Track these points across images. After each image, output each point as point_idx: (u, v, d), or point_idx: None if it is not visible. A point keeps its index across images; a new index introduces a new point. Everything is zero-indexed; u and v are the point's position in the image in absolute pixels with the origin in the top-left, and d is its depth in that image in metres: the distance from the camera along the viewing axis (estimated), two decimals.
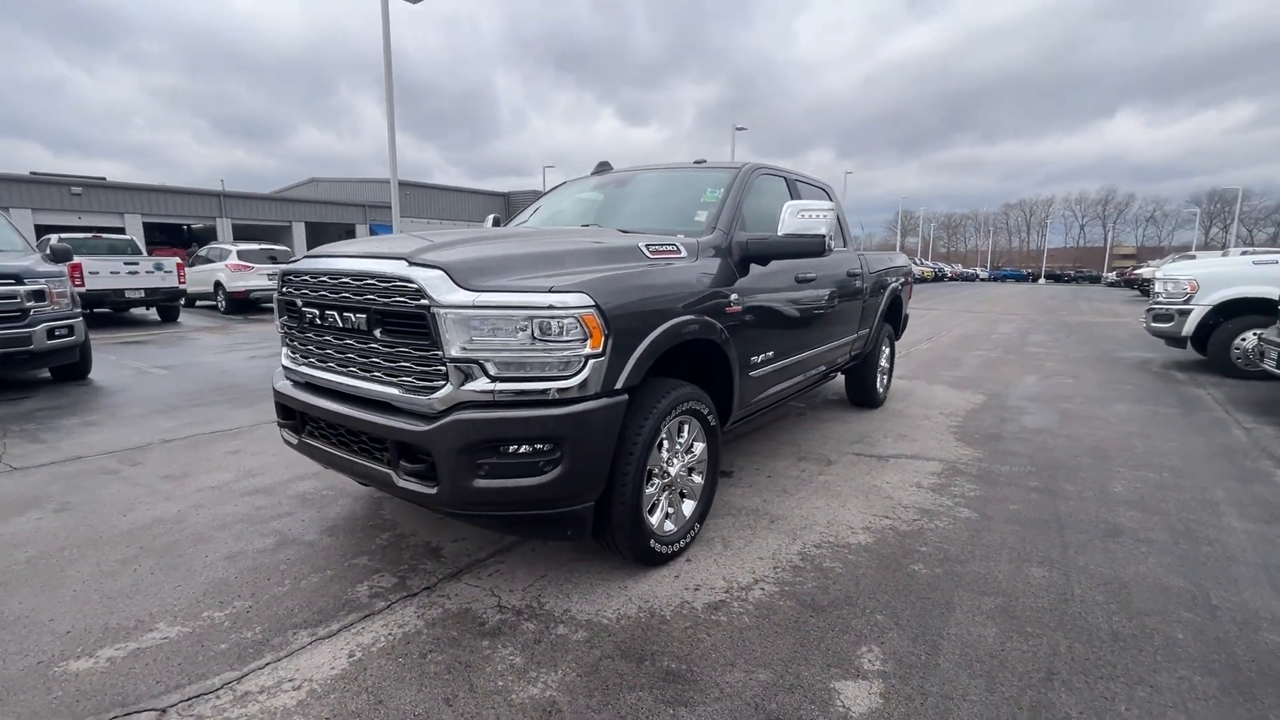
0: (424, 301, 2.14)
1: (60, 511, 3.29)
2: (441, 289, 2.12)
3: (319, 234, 34.51)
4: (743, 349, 3.09)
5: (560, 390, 2.16)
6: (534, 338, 2.12)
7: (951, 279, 54.12)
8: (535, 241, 2.68)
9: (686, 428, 2.76)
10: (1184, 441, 4.87)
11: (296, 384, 2.76)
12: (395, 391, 2.29)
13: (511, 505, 2.26)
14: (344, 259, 2.44)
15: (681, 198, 3.59)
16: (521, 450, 2.18)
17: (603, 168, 4.44)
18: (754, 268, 3.25)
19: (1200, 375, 7.77)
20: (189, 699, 1.92)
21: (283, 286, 2.74)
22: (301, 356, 2.72)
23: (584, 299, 2.15)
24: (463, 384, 2.15)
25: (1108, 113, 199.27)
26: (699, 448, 2.86)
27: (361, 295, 2.33)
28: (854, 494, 3.68)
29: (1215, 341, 7.75)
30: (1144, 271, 28.65)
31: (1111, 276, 49.70)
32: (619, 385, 2.31)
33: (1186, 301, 8.02)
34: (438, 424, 2.15)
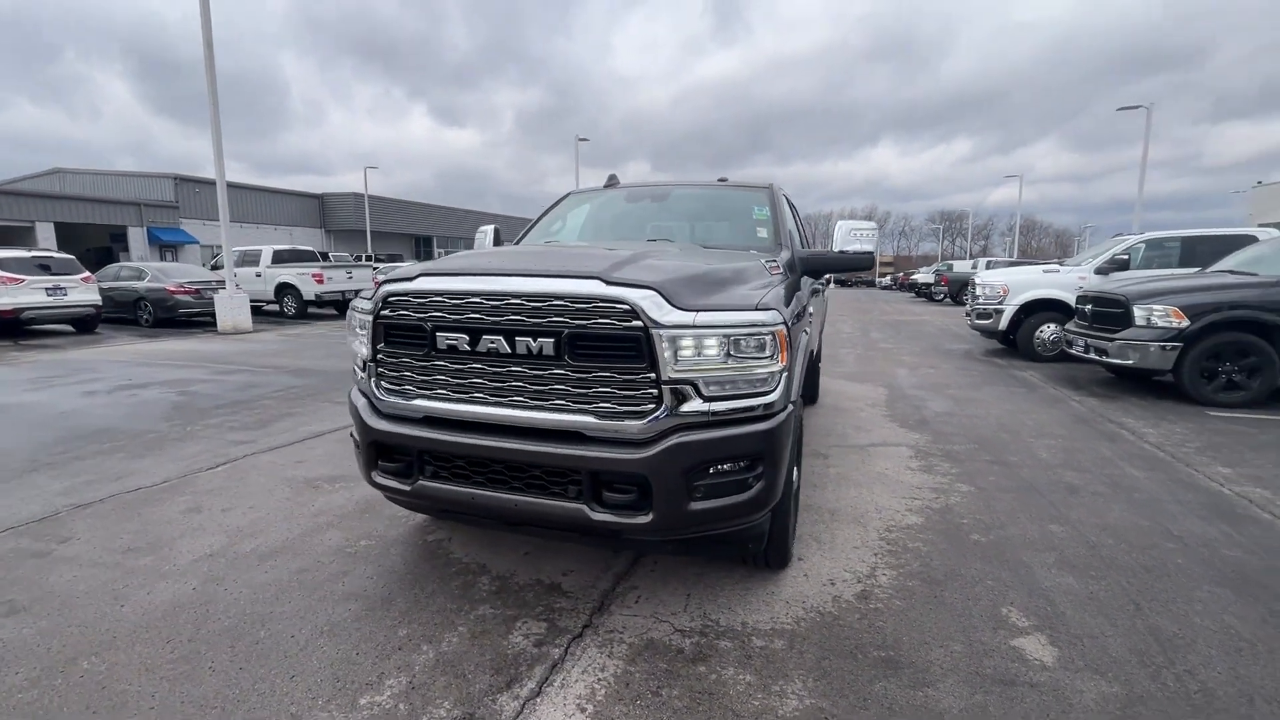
0: (638, 323, 2.05)
1: (12, 614, 2.46)
2: (658, 309, 2.05)
3: (72, 236, 28.00)
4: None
5: (765, 406, 2.21)
6: (742, 355, 2.14)
7: None
8: (685, 258, 2.63)
9: None
10: (1049, 414, 6.13)
11: (405, 420, 2.41)
12: (588, 420, 2.14)
13: (719, 524, 2.24)
14: (509, 278, 2.21)
15: (735, 214, 3.74)
16: (731, 468, 2.18)
17: (612, 181, 4.40)
18: (803, 280, 3.52)
19: (1014, 361, 9.71)
20: None
21: (389, 309, 2.38)
22: (421, 388, 2.38)
23: (777, 316, 2.22)
24: (678, 406, 2.09)
25: (873, 141, 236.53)
26: None
27: (545, 317, 2.13)
28: (872, 482, 4.12)
29: (1023, 334, 9.76)
30: (918, 276, 34.54)
31: (885, 280, 58.87)
32: (792, 397, 2.41)
33: (1001, 302, 10.00)
34: (659, 449, 2.07)
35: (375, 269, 18.05)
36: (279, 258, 16.09)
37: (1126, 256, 9.42)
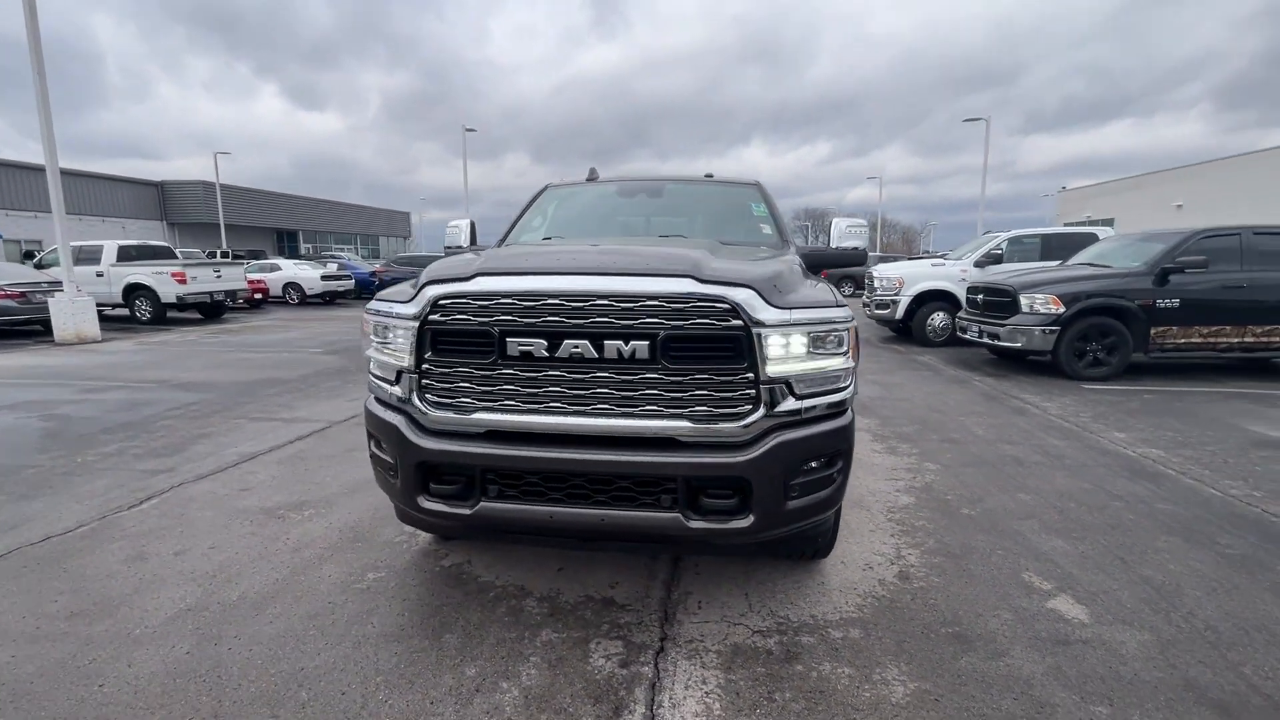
0: (738, 322, 1.99)
1: None
2: (758, 308, 2.01)
3: None
4: None
5: (842, 402, 2.24)
6: (825, 352, 2.15)
7: None
8: (731, 255, 2.57)
9: None
10: (963, 394, 6.81)
11: (460, 437, 2.16)
12: (683, 425, 2.04)
13: (805, 521, 2.24)
14: (594, 277, 2.04)
15: (735, 211, 3.73)
16: (818, 465, 2.19)
17: (593, 175, 4.22)
18: None
19: (911, 346, 10.66)
20: None
21: (439, 314, 2.12)
22: (483, 400, 2.14)
23: (850, 312, 2.26)
24: (775, 405, 2.07)
25: (745, 140, 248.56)
26: None
27: (637, 319, 2.00)
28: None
29: (917, 322, 10.74)
30: None
31: None
32: (856, 393, 2.46)
33: (897, 294, 10.94)
34: (762, 450, 2.02)
35: (246, 267, 16.17)
36: (125, 254, 13.85)
37: (1000, 251, 10.67)
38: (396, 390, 2.27)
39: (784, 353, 2.05)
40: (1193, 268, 7.32)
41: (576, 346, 2.02)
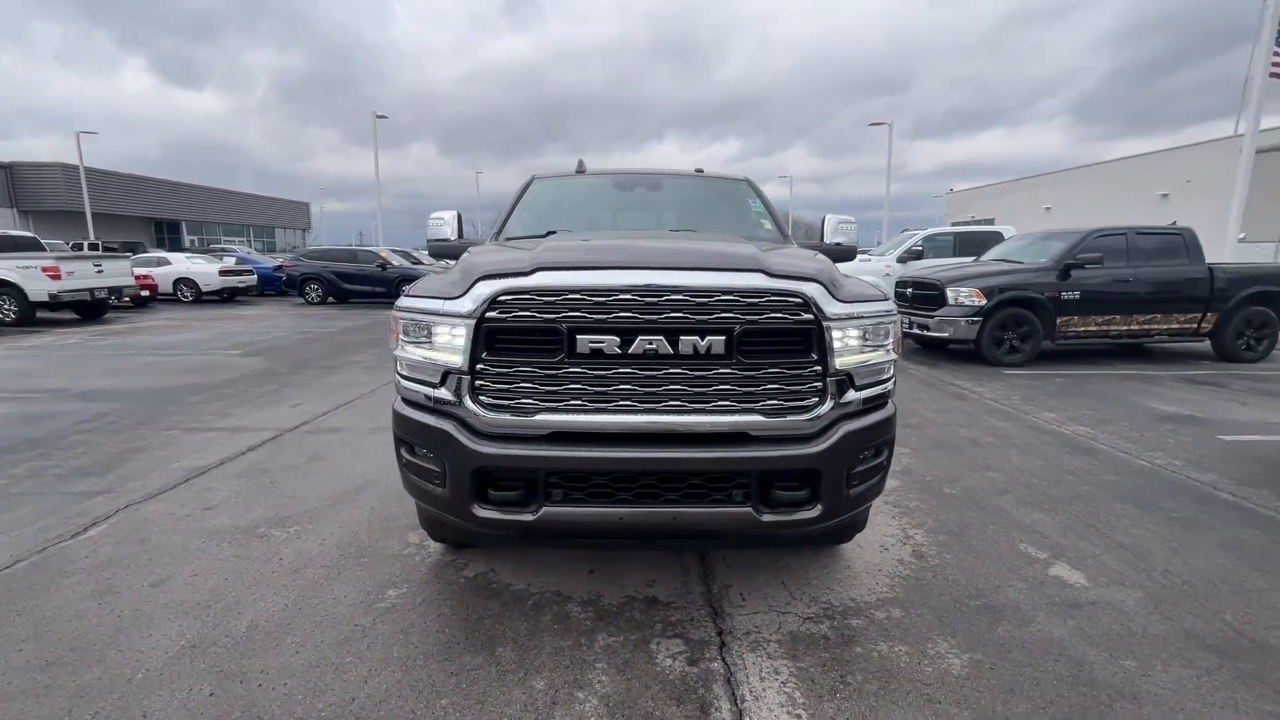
0: (809, 316, 2.03)
1: None
2: (826, 302, 2.05)
3: None
4: None
5: (890, 392, 2.34)
6: (878, 344, 2.23)
7: None
8: (789, 253, 2.56)
9: None
10: (905, 383, 7.26)
11: (520, 440, 2.06)
12: (756, 419, 2.05)
13: (859, 508, 2.31)
14: (668, 271, 1.99)
15: (735, 206, 3.75)
16: (872, 453, 2.27)
17: (580, 166, 4.10)
18: None
19: None
20: None
21: (498, 310, 2.00)
22: (546, 400, 2.04)
23: (893, 305, 2.35)
24: (840, 396, 2.12)
25: (659, 136, 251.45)
26: None
27: (712, 313, 1.98)
28: None
29: None
30: None
31: None
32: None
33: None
34: (831, 440, 2.07)
35: (128, 259, 14.50)
36: None
37: (920, 248, 11.45)
38: (442, 393, 2.12)
39: (847, 345, 2.11)
40: (1090, 263, 8.19)
41: (651, 342, 1.98)
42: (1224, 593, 2.64)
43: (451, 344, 2.08)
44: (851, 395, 2.15)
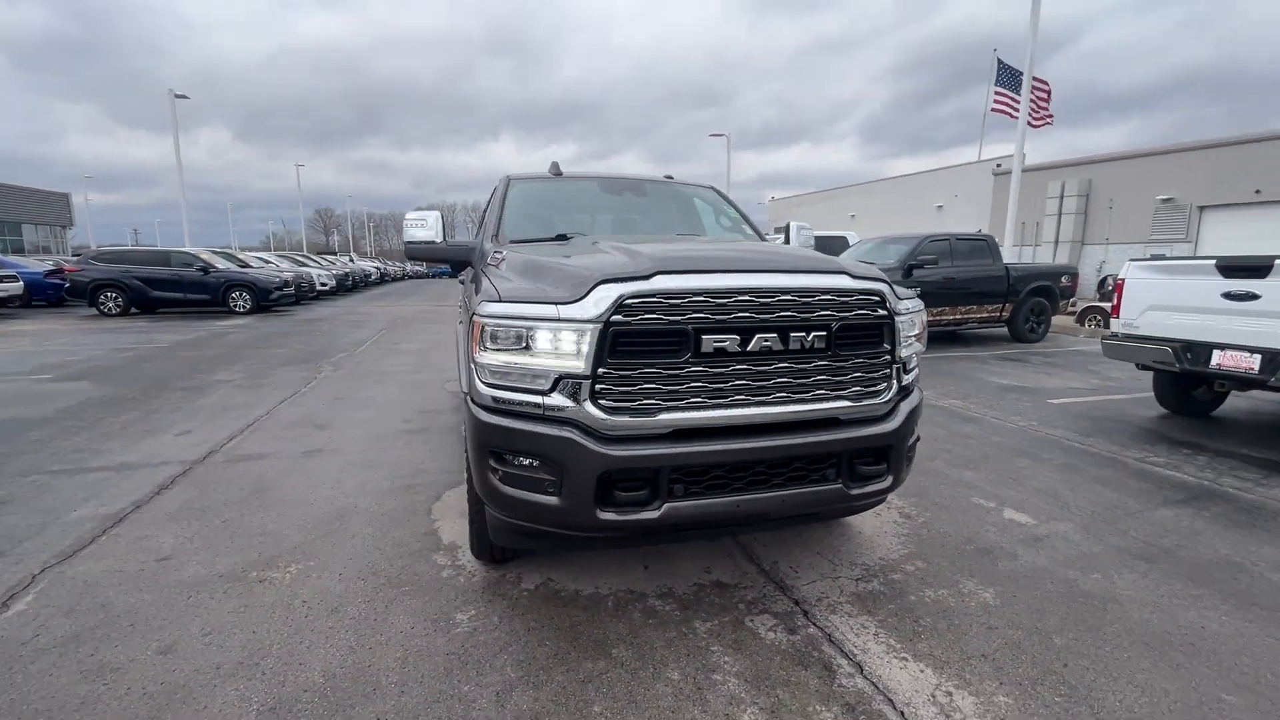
0: (884, 311, 2.33)
1: None
2: (893, 299, 2.37)
3: None
4: None
5: (918, 376, 2.74)
6: (918, 335, 2.62)
7: (408, 277, 56.91)
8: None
9: None
10: None
11: (641, 440, 2.10)
12: (843, 404, 2.30)
13: (906, 476, 2.67)
14: (778, 274, 2.16)
15: (716, 212, 3.95)
16: (916, 428, 2.64)
17: (555, 168, 4.02)
18: None
19: None
20: None
21: (624, 314, 2.02)
22: (668, 399, 2.09)
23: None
24: (901, 381, 2.46)
25: (494, 134, 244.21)
26: None
27: (814, 311, 2.19)
28: None
29: None
30: None
31: None
32: None
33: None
34: (900, 419, 2.40)
35: None
36: None
37: None
38: (555, 399, 2.09)
39: (906, 336, 2.45)
40: (927, 264, 9.74)
41: (766, 340, 2.14)
42: (1120, 516, 3.46)
43: (569, 349, 2.05)
44: (906, 379, 2.50)
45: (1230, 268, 4.55)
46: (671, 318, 2.07)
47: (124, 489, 3.71)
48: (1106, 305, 12.07)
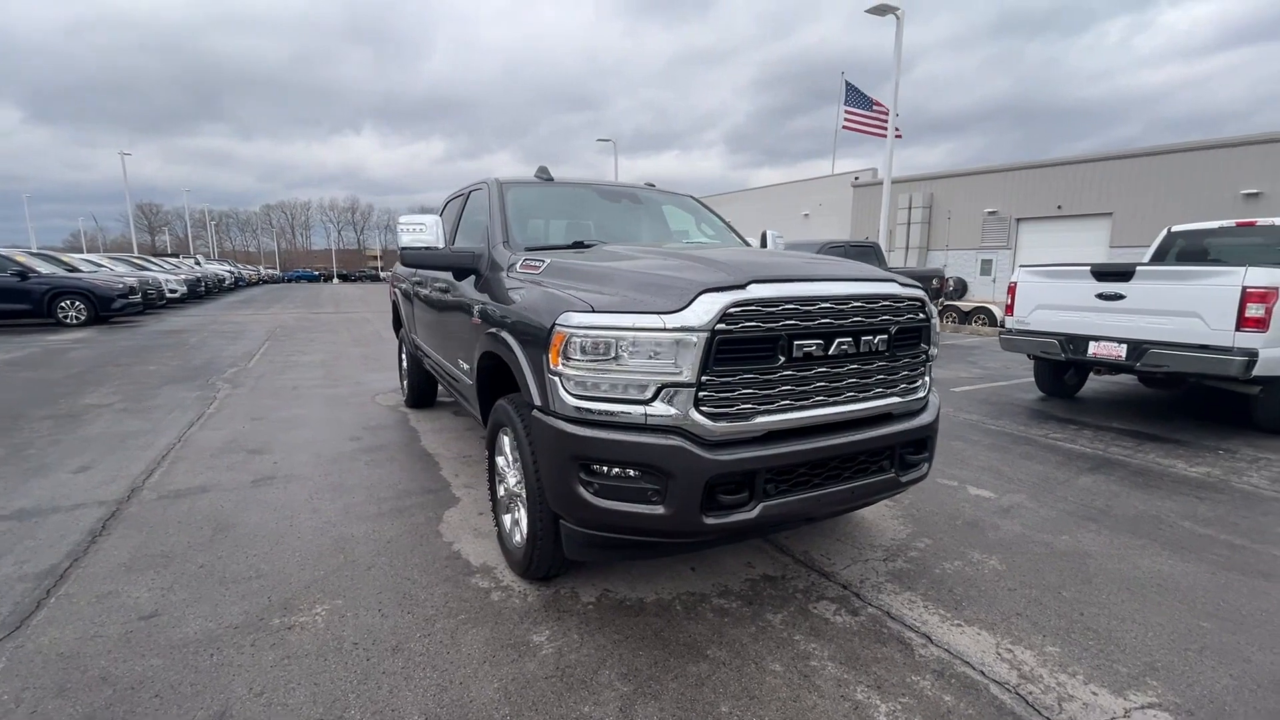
0: (923, 315, 2.59)
1: None
2: (930, 304, 2.64)
3: None
4: None
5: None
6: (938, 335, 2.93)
7: (264, 281, 51.40)
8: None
9: None
10: None
11: (739, 444, 2.17)
12: (895, 400, 2.52)
13: None
14: (849, 282, 2.33)
15: (707, 220, 4.06)
16: None
17: (543, 173, 3.88)
18: None
19: None
20: None
21: (727, 323, 2.07)
22: (761, 404, 2.17)
23: None
24: (930, 377, 2.74)
25: (355, 128, 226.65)
26: None
27: (877, 316, 2.38)
28: None
29: None
30: None
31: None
32: None
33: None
34: (935, 412, 2.67)
35: None
36: None
37: None
38: (657, 408, 2.10)
39: (934, 338, 2.74)
40: None
41: (844, 343, 2.31)
42: (1054, 485, 4.06)
43: (678, 358, 2.07)
44: (931, 376, 2.79)
45: (1101, 273, 5.48)
46: (768, 325, 2.16)
47: (43, 540, 3.10)
48: (994, 307, 13.93)
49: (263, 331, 12.87)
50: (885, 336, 2.43)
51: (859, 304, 2.36)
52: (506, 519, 2.94)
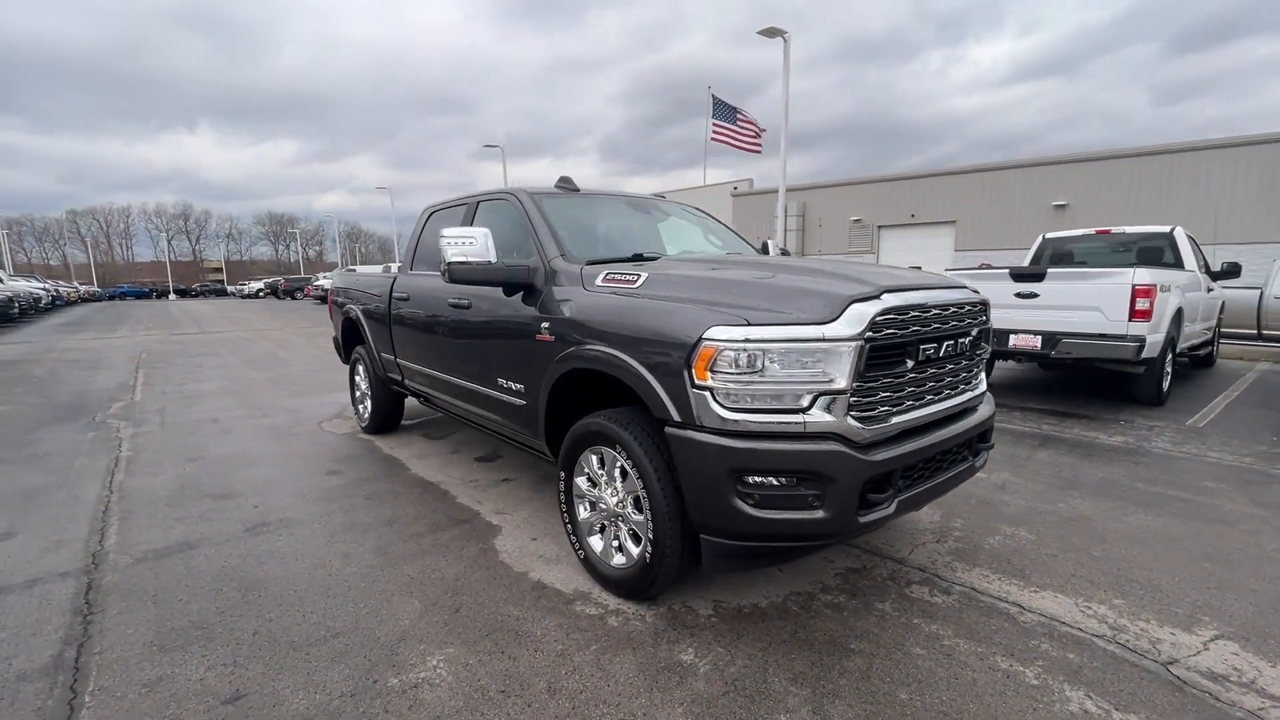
0: (986, 317, 2.89)
1: None
2: (991, 307, 2.95)
3: None
4: None
5: None
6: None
7: (84, 300, 43.65)
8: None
9: None
10: None
11: (881, 444, 2.30)
12: (971, 394, 2.79)
13: None
14: (947, 290, 2.55)
15: (724, 231, 4.15)
16: None
17: (566, 183, 3.74)
18: None
19: None
20: None
21: (874, 331, 2.19)
22: (894, 405, 2.31)
23: None
24: (984, 371, 3.05)
25: (189, 125, 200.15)
26: None
27: (966, 319, 2.63)
28: None
29: None
30: (323, 283, 33.56)
31: (256, 286, 53.39)
32: None
33: None
34: (993, 403, 2.98)
35: None
36: None
37: None
38: (814, 415, 2.17)
39: (992, 338, 3.06)
40: None
41: (953, 345, 2.53)
42: (1023, 461, 4.64)
43: (832, 367, 2.15)
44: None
45: (1018, 275, 6.32)
46: (902, 331, 2.31)
47: (16, 628, 2.51)
48: None
49: (125, 358, 11.08)
50: (970, 337, 2.69)
51: (956, 309, 2.59)
52: (594, 541, 2.85)
